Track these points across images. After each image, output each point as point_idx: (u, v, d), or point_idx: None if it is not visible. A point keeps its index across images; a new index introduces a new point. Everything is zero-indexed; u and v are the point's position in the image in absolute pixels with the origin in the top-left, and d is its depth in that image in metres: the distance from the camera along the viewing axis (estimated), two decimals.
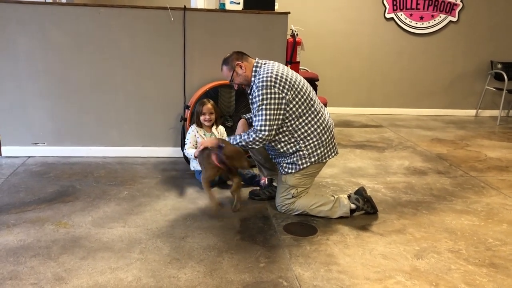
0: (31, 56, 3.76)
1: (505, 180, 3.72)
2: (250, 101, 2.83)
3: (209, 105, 3.38)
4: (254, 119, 2.75)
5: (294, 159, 2.81)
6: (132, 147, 4.05)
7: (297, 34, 4.69)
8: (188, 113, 3.69)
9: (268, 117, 2.67)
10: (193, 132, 3.42)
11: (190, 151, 3.35)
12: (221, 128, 3.54)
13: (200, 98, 3.64)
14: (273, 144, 2.82)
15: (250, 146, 2.77)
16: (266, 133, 2.68)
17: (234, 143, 2.79)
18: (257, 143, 2.73)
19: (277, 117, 2.69)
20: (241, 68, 2.81)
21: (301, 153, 2.79)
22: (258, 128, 2.70)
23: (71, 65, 3.82)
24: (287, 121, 2.74)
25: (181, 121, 3.84)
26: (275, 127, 2.70)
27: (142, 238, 2.54)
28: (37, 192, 3.15)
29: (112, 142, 4.02)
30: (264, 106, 2.67)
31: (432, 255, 2.46)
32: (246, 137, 2.74)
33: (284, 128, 2.76)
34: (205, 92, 3.66)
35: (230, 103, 3.74)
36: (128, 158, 3.98)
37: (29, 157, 3.92)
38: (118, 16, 3.76)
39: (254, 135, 2.71)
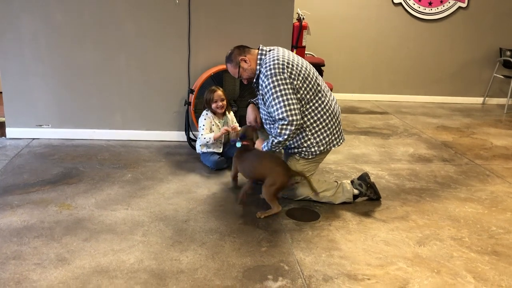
0: (35, 38, 3.74)
1: (511, 169, 3.70)
2: (257, 90, 2.78)
3: (219, 92, 3.35)
4: (272, 110, 2.63)
5: (302, 149, 2.78)
6: (136, 130, 4.04)
7: (303, 18, 4.64)
8: (192, 97, 3.68)
9: (285, 102, 2.58)
10: (208, 119, 3.39)
11: (208, 136, 3.33)
12: (231, 113, 3.53)
13: (205, 82, 3.63)
14: None
15: (282, 139, 2.63)
16: (290, 118, 2.58)
17: (269, 147, 2.70)
18: (288, 132, 2.60)
19: (294, 101, 2.60)
20: (245, 62, 2.76)
21: (309, 142, 2.75)
22: (281, 116, 2.59)
23: (75, 47, 3.80)
24: None
25: (185, 105, 3.83)
26: (297, 111, 2.60)
27: (145, 220, 2.55)
28: (41, 174, 3.16)
29: (116, 125, 4.02)
30: (278, 94, 2.59)
31: (434, 242, 2.45)
32: (275, 134, 2.64)
33: None
34: (209, 77, 3.63)
35: (235, 88, 3.72)
36: (132, 142, 3.98)
37: (34, 139, 3.93)
38: None
39: (280, 126, 2.61)
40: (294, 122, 2.60)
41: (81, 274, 2.03)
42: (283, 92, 2.60)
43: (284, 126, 2.61)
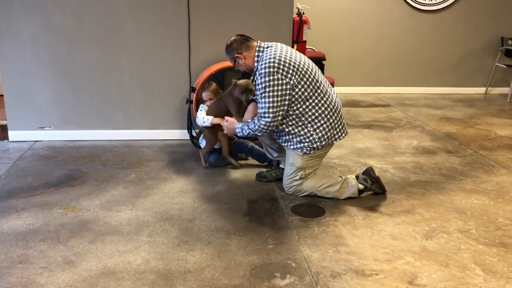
0: (35, 40, 3.73)
1: None
2: (254, 88, 2.79)
3: (207, 92, 3.35)
4: (258, 106, 2.72)
5: (304, 143, 2.77)
6: (138, 130, 4.03)
7: (303, 13, 4.61)
8: (193, 95, 3.66)
9: (271, 104, 2.64)
10: (205, 109, 3.39)
11: (206, 117, 3.28)
12: None
13: (207, 81, 3.61)
14: (281, 128, 2.79)
15: (258, 134, 2.78)
16: (270, 119, 2.67)
17: (245, 134, 2.82)
18: (263, 130, 2.72)
19: (282, 103, 2.65)
20: (240, 59, 2.81)
21: (311, 137, 2.75)
22: (262, 114, 2.69)
23: (75, 48, 3.78)
24: (293, 105, 2.70)
25: (187, 103, 3.81)
26: (280, 113, 2.67)
27: (150, 221, 2.55)
28: (45, 176, 3.15)
29: (118, 125, 4.01)
30: (267, 94, 2.63)
31: (441, 235, 2.44)
32: (252, 126, 2.76)
33: (291, 112, 2.72)
34: (211, 75, 3.61)
35: None
36: (135, 141, 3.97)
37: (36, 141, 3.92)
38: None
39: (258, 123, 2.71)
40: (274, 123, 2.70)
41: (88, 276, 2.03)
42: (271, 93, 2.63)
43: (263, 124, 2.69)
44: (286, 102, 2.67)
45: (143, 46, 3.84)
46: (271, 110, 2.65)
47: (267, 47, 2.75)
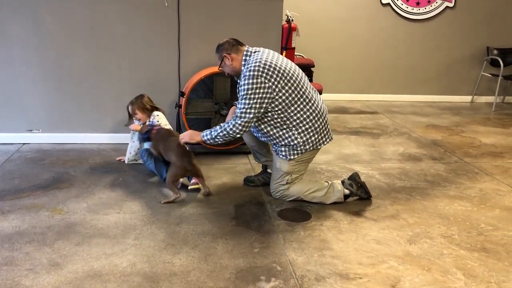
0: (24, 42, 3.72)
1: (499, 166, 3.75)
2: (237, 89, 2.82)
3: (132, 107, 3.37)
4: (238, 106, 2.72)
5: (289, 147, 2.81)
6: (127, 134, 4.02)
7: (292, 20, 4.66)
8: (183, 100, 3.68)
9: (249, 105, 2.65)
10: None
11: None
12: (155, 113, 3.40)
13: (196, 85, 3.63)
14: (265, 131, 2.81)
15: (232, 135, 2.71)
16: (246, 119, 2.65)
17: (215, 134, 2.74)
18: (239, 130, 2.69)
19: (260, 105, 2.66)
20: (228, 60, 2.82)
21: (295, 141, 2.78)
22: (239, 114, 2.67)
23: (65, 51, 3.79)
24: (277, 109, 2.72)
25: (176, 107, 3.83)
26: (256, 115, 2.67)
27: (137, 224, 2.56)
28: (32, 179, 3.15)
29: (107, 129, 4.01)
30: (248, 96, 2.65)
31: (425, 240, 2.48)
32: (226, 126, 2.71)
33: (276, 116, 2.74)
34: (200, 80, 3.64)
35: (226, 91, 3.72)
36: (123, 145, 3.96)
37: (24, 144, 3.91)
38: (112, 0, 3.72)
39: (235, 122, 2.68)
40: (248, 124, 2.68)
41: (74, 278, 2.03)
42: (252, 96, 2.64)
43: (239, 124, 2.67)
44: (264, 106, 2.68)
45: (133, 50, 3.85)
46: (249, 111, 2.65)
47: (255, 52, 2.79)
